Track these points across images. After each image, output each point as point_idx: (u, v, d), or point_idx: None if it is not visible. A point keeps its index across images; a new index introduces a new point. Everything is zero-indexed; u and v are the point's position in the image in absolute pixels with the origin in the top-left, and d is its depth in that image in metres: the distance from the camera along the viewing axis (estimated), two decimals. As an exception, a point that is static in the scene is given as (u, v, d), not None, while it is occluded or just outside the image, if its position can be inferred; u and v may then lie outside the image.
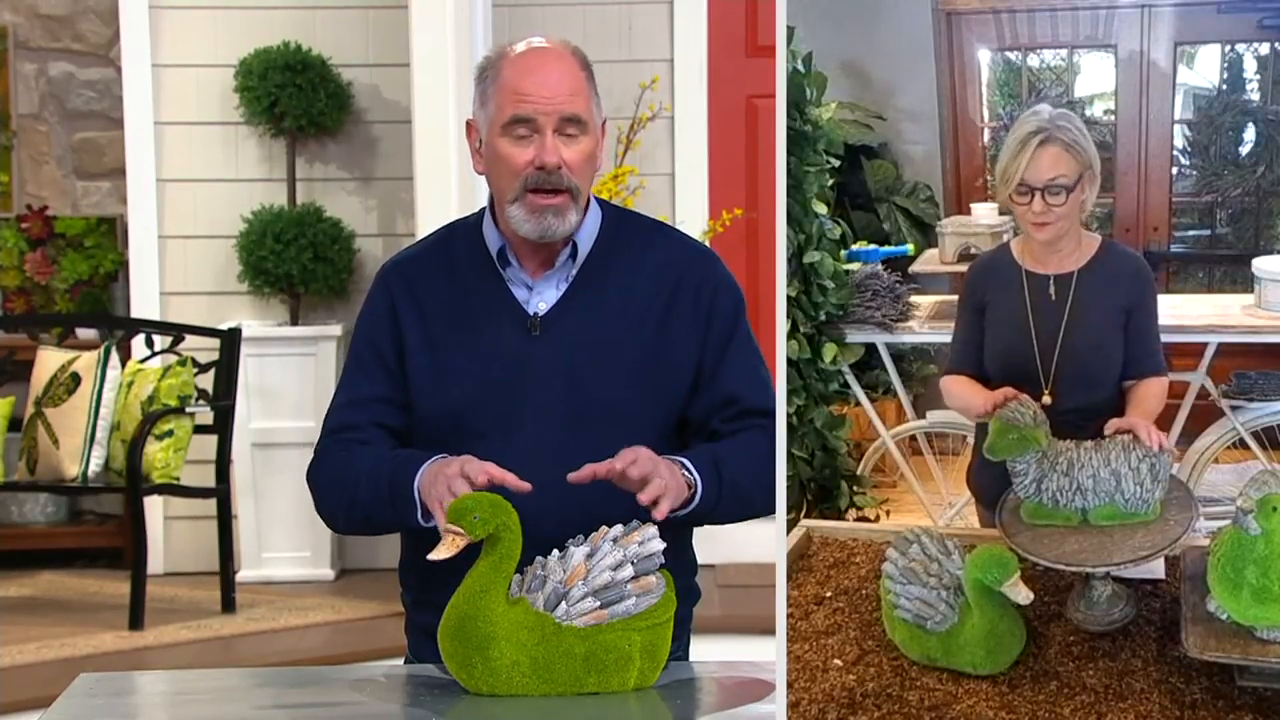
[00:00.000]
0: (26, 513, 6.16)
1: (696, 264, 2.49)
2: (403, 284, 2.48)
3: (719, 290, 2.48)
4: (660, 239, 2.52)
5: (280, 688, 2.40)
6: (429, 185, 5.19)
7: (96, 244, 6.27)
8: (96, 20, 6.35)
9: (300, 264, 5.79)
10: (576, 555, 2.17)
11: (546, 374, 2.39)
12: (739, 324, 2.48)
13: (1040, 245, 2.62)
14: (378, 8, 5.98)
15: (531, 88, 2.37)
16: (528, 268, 2.45)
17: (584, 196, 2.43)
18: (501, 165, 2.39)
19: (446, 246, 2.52)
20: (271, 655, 4.92)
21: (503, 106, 2.38)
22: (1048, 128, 2.52)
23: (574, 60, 2.42)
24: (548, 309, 2.43)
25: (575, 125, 2.38)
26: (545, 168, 2.36)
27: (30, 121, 6.41)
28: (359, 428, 2.45)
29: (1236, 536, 2.04)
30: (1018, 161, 2.52)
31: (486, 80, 2.42)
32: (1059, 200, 2.52)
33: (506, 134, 2.38)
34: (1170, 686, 2.18)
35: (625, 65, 5.96)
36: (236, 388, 5.52)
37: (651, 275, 2.45)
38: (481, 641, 2.12)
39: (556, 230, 2.39)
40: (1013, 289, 2.64)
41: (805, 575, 2.65)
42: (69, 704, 2.22)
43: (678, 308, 2.44)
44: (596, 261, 2.46)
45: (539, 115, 2.36)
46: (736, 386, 2.45)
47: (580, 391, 2.39)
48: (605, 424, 2.38)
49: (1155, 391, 2.59)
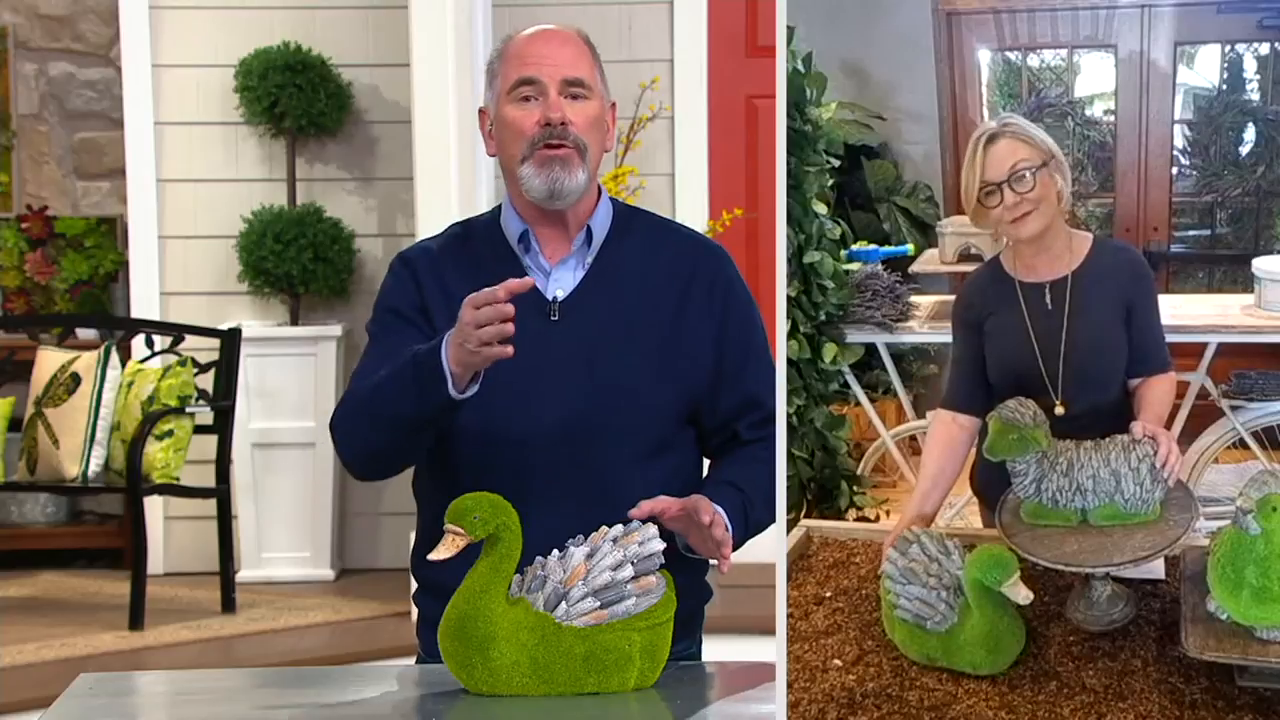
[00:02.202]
0: (26, 513, 6.16)
1: (710, 259, 2.56)
2: (428, 265, 2.51)
3: (733, 287, 2.55)
4: (673, 231, 2.60)
5: (280, 688, 2.40)
6: (429, 185, 5.19)
7: (96, 244, 6.27)
8: (96, 20, 6.35)
9: (300, 264, 5.79)
10: (576, 555, 2.17)
11: (565, 357, 2.44)
12: (757, 326, 2.56)
13: (1027, 246, 2.57)
14: (378, 8, 5.98)
15: (536, 54, 2.47)
16: (546, 252, 2.50)
17: (592, 159, 2.47)
18: (510, 130, 2.46)
19: (464, 239, 2.56)
20: (272, 655, 4.92)
21: (509, 74, 2.47)
22: (991, 128, 2.52)
23: (578, 38, 2.52)
24: (566, 294, 2.48)
25: (580, 87, 2.46)
26: (551, 123, 2.43)
27: (30, 121, 6.41)
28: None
29: (1236, 536, 2.04)
30: (973, 167, 2.50)
31: (494, 64, 2.52)
32: (1026, 187, 2.47)
33: (513, 98, 2.46)
34: (1170, 686, 2.18)
35: (625, 65, 5.96)
36: (236, 388, 5.52)
37: (666, 264, 2.51)
38: (481, 641, 2.12)
39: (565, 184, 2.43)
40: (1009, 302, 2.59)
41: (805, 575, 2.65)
42: (69, 704, 2.22)
43: (693, 298, 2.50)
44: (612, 249, 2.51)
45: (543, 77, 2.44)
46: (759, 389, 2.50)
47: (598, 374, 2.43)
48: (623, 406, 2.43)
49: (1164, 390, 2.57)
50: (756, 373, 2.52)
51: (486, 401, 2.37)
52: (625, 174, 5.79)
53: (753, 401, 2.50)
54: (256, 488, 5.81)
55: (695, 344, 2.49)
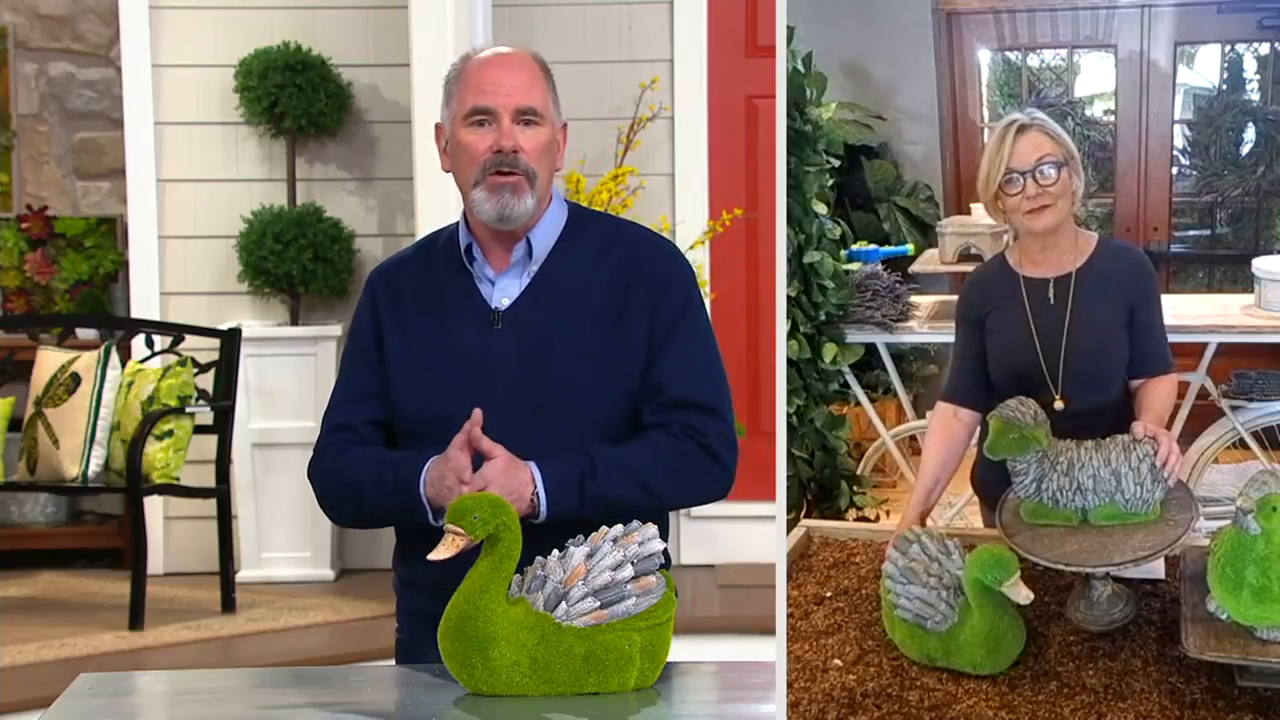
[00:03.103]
0: (26, 513, 6.16)
1: (655, 257, 2.61)
2: (385, 286, 2.65)
3: (671, 281, 2.58)
4: (624, 235, 2.65)
5: (280, 688, 2.40)
6: (429, 185, 5.19)
7: (96, 244, 6.27)
8: (96, 20, 6.35)
9: (300, 264, 5.79)
10: (576, 555, 2.17)
11: (507, 364, 2.52)
12: (685, 315, 2.57)
13: (1035, 241, 2.60)
14: (378, 8, 5.98)
15: (492, 81, 2.55)
16: (492, 263, 2.59)
17: (541, 185, 2.56)
18: (464, 154, 2.56)
19: (429, 250, 2.69)
20: (271, 655, 4.92)
21: (464, 100, 2.56)
22: (1022, 118, 2.55)
23: (533, 62, 2.60)
24: (510, 303, 2.56)
25: (531, 115, 2.54)
26: (503, 151, 2.52)
27: (30, 121, 6.41)
28: (354, 428, 2.59)
29: (1236, 536, 2.04)
30: (1000, 153, 2.53)
31: (451, 83, 2.62)
32: (1050, 181, 2.51)
33: (468, 124, 2.55)
34: (1170, 686, 2.18)
35: (625, 65, 5.96)
36: (236, 388, 5.52)
37: (612, 269, 2.57)
38: (481, 641, 2.13)
39: (514, 210, 2.52)
40: (1011, 297, 2.62)
41: (805, 575, 2.65)
42: (69, 704, 2.22)
43: (634, 297, 2.55)
44: (559, 257, 2.59)
45: (497, 106, 2.53)
46: (666, 375, 2.53)
47: (539, 379, 2.51)
48: (566, 409, 2.49)
49: (1165, 391, 2.58)
50: (670, 362, 2.53)
51: (433, 410, 2.50)
52: (625, 174, 5.79)
53: (657, 386, 2.53)
54: (256, 488, 5.81)
55: (633, 343, 2.54)
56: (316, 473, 2.60)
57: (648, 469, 2.48)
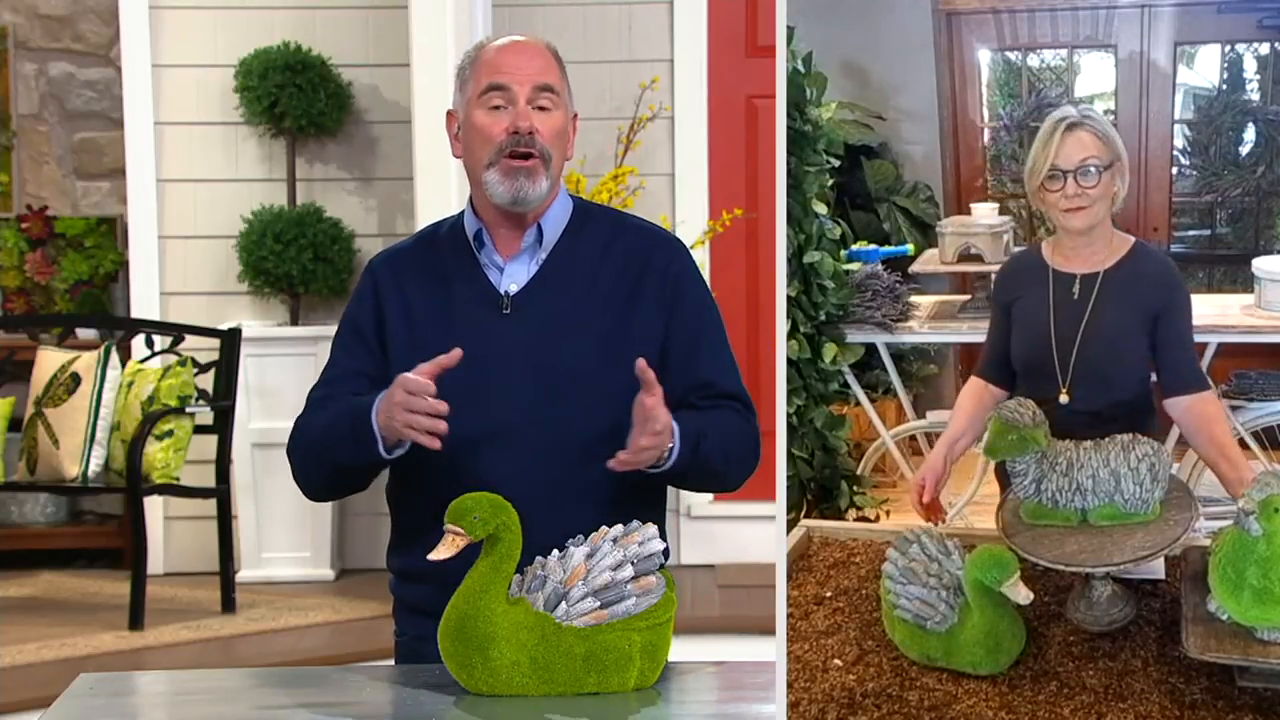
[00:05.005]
0: (26, 513, 6.16)
1: (663, 250, 2.61)
2: (388, 272, 2.63)
3: (684, 276, 2.58)
4: (628, 226, 2.64)
5: (280, 688, 2.40)
6: (429, 185, 5.19)
7: (96, 244, 6.27)
8: (96, 20, 6.35)
9: (300, 264, 5.79)
10: (576, 555, 2.17)
11: (514, 349, 2.51)
12: (709, 312, 2.59)
13: (1072, 238, 2.62)
14: (378, 8, 5.98)
15: (507, 61, 2.54)
16: (500, 249, 2.58)
17: (555, 168, 2.55)
18: (478, 135, 2.53)
19: (432, 238, 2.67)
20: (271, 655, 4.92)
21: (480, 80, 2.55)
22: (1074, 115, 2.57)
23: (548, 50, 2.60)
24: (518, 289, 2.55)
25: (548, 95, 2.53)
26: (519, 131, 2.50)
27: (30, 121, 6.41)
28: (334, 397, 2.55)
29: (1238, 537, 2.04)
30: (1047, 149, 2.55)
31: (465, 69, 2.60)
32: (1091, 183, 2.53)
33: (483, 104, 2.53)
34: (1170, 686, 2.18)
35: (625, 65, 5.96)
36: (236, 388, 5.52)
37: (619, 258, 2.57)
38: (481, 641, 2.13)
39: (528, 193, 2.51)
40: (1038, 287, 2.65)
41: (805, 575, 2.65)
42: (69, 704, 2.22)
43: (644, 289, 2.55)
44: (566, 245, 2.58)
45: (513, 84, 2.52)
46: (713, 372, 2.55)
47: (546, 365, 2.50)
48: (573, 394, 2.48)
49: (1214, 410, 2.61)
50: (710, 359, 2.55)
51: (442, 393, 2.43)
52: (625, 174, 5.79)
53: (706, 383, 2.54)
54: (256, 488, 5.81)
55: (645, 332, 2.53)
56: (290, 442, 2.58)
57: (734, 442, 2.49)
